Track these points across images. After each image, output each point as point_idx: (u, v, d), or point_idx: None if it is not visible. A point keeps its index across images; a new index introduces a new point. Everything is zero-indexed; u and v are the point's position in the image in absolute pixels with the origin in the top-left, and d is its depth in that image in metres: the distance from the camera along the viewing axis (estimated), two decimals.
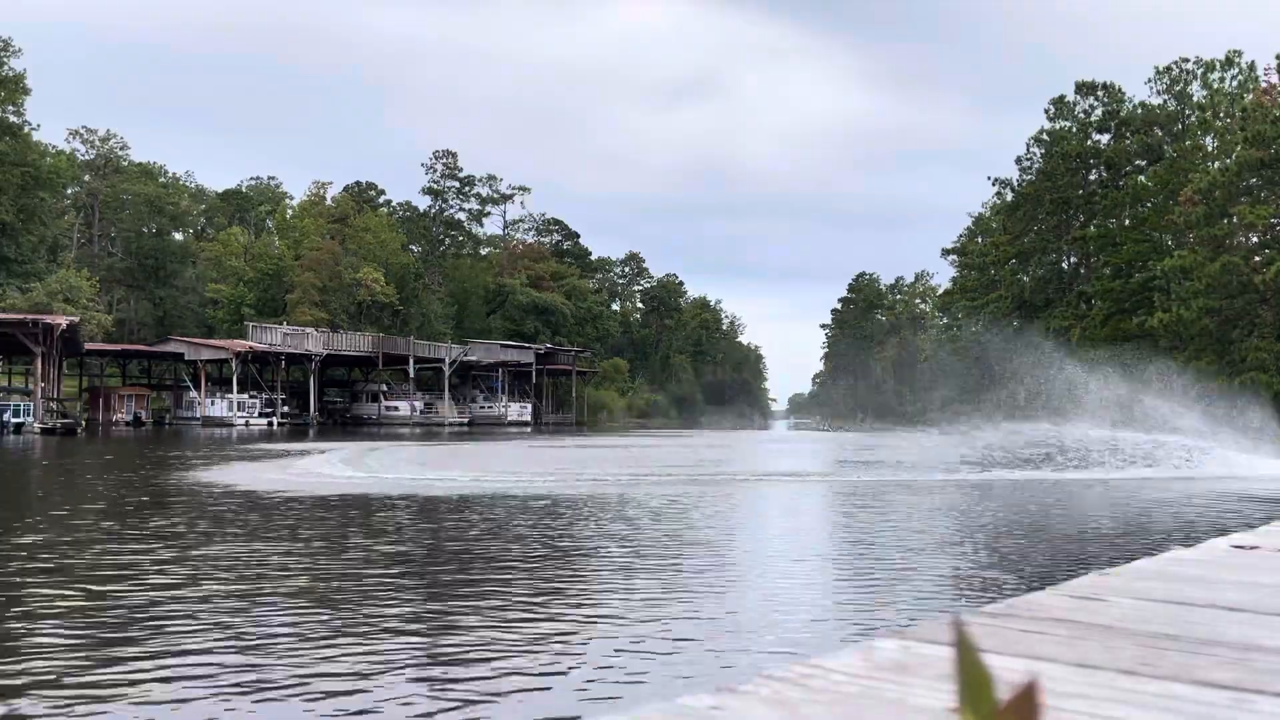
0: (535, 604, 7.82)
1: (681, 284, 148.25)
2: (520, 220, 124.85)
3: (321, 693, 5.34)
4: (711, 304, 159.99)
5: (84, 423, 59.10)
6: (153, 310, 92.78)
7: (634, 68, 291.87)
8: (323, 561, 10.00)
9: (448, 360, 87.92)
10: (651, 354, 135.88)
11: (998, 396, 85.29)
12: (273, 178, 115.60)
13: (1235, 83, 71.60)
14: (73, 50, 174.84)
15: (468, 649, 6.35)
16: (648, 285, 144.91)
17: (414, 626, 7.01)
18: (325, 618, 7.21)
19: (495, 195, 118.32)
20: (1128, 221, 76.88)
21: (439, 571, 9.52)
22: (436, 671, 5.84)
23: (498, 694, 5.42)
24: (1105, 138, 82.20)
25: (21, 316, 54.45)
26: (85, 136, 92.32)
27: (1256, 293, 54.87)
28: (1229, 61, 73.08)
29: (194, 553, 10.27)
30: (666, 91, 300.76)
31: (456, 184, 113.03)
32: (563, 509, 15.02)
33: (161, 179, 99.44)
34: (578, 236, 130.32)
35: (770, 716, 1.01)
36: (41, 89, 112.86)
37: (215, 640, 6.48)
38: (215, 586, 8.44)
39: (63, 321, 53.48)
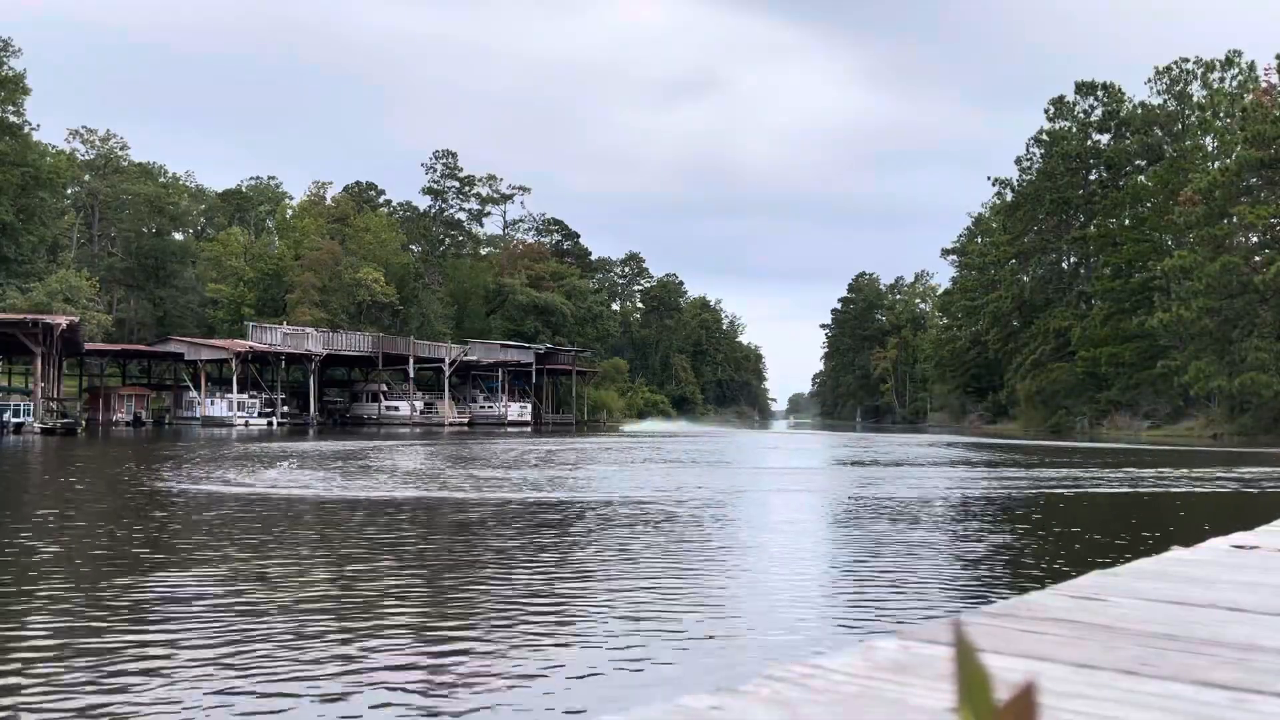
0: (532, 603, 7.82)
1: (681, 284, 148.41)
2: (520, 220, 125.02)
3: (314, 675, 5.35)
4: (711, 304, 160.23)
5: (84, 423, 59.03)
6: (153, 310, 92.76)
7: (633, 65, 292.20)
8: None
9: (448, 360, 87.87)
10: (651, 354, 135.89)
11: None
12: (273, 178, 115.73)
13: (1235, 83, 71.55)
14: (73, 50, 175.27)
15: (465, 649, 6.35)
16: (648, 285, 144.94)
17: (409, 622, 7.01)
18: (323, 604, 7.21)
19: (495, 195, 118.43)
20: (1128, 221, 76.87)
21: (443, 571, 9.53)
22: (431, 669, 5.83)
23: (495, 694, 5.42)
24: (1105, 138, 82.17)
25: (21, 316, 54.41)
26: (85, 136, 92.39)
27: (1256, 293, 54.83)
28: (1229, 61, 73.03)
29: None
30: (665, 89, 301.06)
31: (456, 184, 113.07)
32: (560, 508, 15.03)
33: (161, 179, 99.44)
34: (578, 236, 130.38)
35: (770, 716, 1.01)
36: (41, 89, 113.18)
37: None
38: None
39: (63, 321, 53.44)
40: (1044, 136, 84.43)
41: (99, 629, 6.81)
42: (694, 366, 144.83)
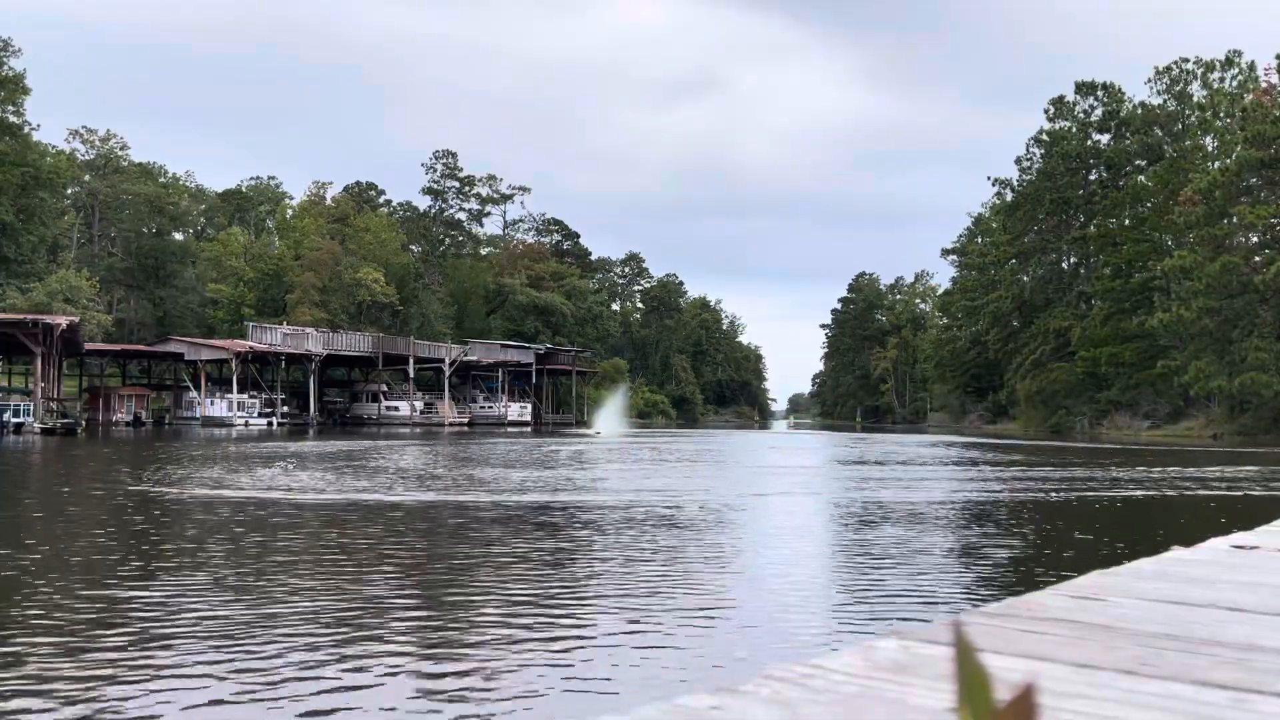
0: (531, 604, 7.81)
1: (681, 284, 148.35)
2: (520, 220, 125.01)
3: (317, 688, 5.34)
4: (711, 304, 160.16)
5: (84, 423, 58.99)
6: (153, 310, 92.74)
7: (633, 65, 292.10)
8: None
9: (448, 360, 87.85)
10: (651, 354, 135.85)
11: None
12: (273, 178, 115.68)
13: (1235, 83, 71.50)
14: (73, 50, 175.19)
15: (464, 647, 6.35)
16: (648, 285, 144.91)
17: (408, 623, 7.01)
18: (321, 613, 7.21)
19: (495, 195, 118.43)
20: (1128, 221, 76.80)
21: (442, 573, 9.52)
22: (431, 670, 5.83)
23: (495, 694, 5.41)
24: (1105, 138, 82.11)
25: (21, 316, 54.37)
26: (85, 136, 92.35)
27: (1256, 293, 54.80)
28: (1229, 61, 72.98)
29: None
30: (665, 89, 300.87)
31: (456, 184, 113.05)
32: (559, 510, 15.02)
33: (161, 179, 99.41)
34: (578, 236, 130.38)
35: (770, 716, 1.01)
36: (41, 89, 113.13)
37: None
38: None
39: (63, 321, 53.42)
40: (1044, 136, 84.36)
41: (96, 634, 6.81)
42: (694, 367, 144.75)
